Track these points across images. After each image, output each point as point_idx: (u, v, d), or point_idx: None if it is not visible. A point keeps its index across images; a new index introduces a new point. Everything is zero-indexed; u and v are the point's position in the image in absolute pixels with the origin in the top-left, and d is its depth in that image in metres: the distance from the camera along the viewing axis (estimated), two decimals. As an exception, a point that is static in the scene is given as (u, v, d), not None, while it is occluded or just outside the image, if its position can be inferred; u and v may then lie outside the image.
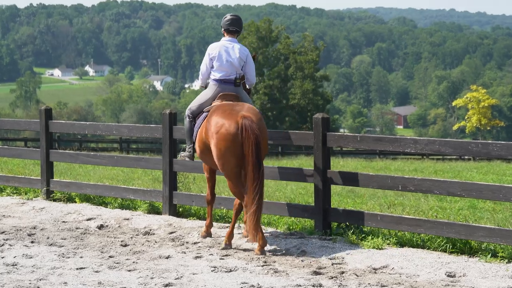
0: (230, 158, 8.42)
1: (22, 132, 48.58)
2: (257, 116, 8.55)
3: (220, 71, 9.13)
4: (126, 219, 10.34)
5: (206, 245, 8.85)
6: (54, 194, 11.90)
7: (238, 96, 9.14)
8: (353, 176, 9.04)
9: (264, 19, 61.10)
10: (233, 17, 9.46)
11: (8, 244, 8.92)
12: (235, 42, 9.31)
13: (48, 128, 11.87)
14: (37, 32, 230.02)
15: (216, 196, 9.71)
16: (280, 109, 56.58)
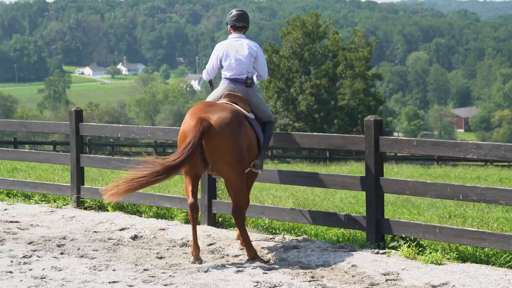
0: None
1: (50, 135, 49.22)
2: (221, 119, 8.58)
3: (230, 70, 9.34)
4: (162, 229, 10.42)
5: (247, 258, 8.86)
6: (85, 202, 12.03)
7: (245, 98, 9.28)
8: (409, 184, 8.98)
9: (310, 13, 61.04)
10: (239, 12, 9.59)
11: (36, 255, 9.05)
12: (243, 38, 9.48)
13: (78, 131, 12.01)
14: (67, 28, 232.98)
15: (260, 205, 9.72)
16: (328, 110, 56.45)
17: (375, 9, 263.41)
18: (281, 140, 10.13)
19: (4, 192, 13.32)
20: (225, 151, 8.61)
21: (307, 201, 13.56)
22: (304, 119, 56.34)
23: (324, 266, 8.50)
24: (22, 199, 12.81)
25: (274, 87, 56.53)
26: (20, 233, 10.39)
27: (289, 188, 16.08)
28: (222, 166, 8.67)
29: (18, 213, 11.75)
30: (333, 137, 9.66)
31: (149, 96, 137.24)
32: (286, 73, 56.94)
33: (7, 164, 19.09)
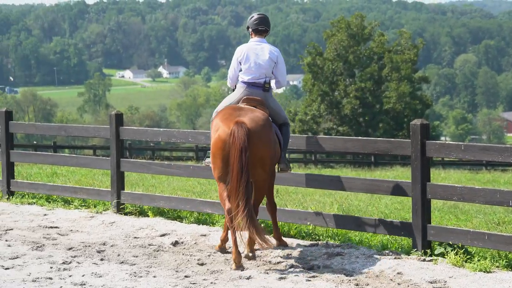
0: (220, 164, 8.90)
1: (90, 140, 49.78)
2: (256, 123, 8.85)
3: (249, 73, 9.52)
4: (203, 235, 10.46)
5: (290, 265, 8.86)
6: (125, 207, 12.13)
7: (264, 102, 9.45)
8: (456, 189, 8.90)
9: (355, 14, 60.86)
10: (260, 16, 9.76)
11: (76, 261, 9.14)
12: (264, 42, 9.66)
13: (118, 135, 12.11)
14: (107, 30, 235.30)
15: (303, 210, 9.71)
16: (373, 114, 56.20)
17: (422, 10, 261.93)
18: (325, 144, 10.11)
19: (43, 197, 13.48)
20: (263, 154, 8.89)
21: (352, 207, 13.52)
22: (348, 123, 56.15)
23: (369, 274, 8.47)
24: (62, 204, 12.95)
25: (317, 90, 56.44)
26: (60, 238, 10.50)
27: (333, 193, 16.04)
28: (259, 169, 8.93)
29: (58, 219, 11.88)
30: (379, 142, 9.63)
31: (190, 99, 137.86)
32: (330, 76, 56.82)
33: (47, 169, 19.32)
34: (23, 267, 8.81)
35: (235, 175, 8.67)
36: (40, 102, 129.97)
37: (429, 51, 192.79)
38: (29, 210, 12.54)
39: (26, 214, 12.23)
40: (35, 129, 14.10)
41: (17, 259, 9.20)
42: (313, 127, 55.73)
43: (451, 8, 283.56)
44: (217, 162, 8.94)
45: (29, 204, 13.05)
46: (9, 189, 13.56)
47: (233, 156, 8.69)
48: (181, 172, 11.75)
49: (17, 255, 9.37)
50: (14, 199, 13.37)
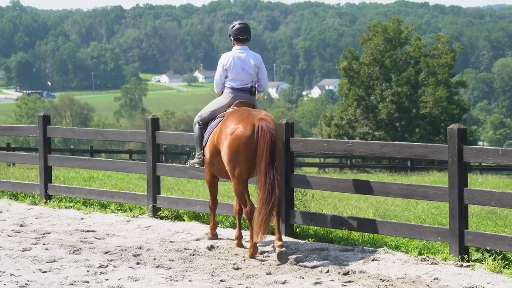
0: (242, 161, 9.42)
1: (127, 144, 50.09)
2: (273, 121, 9.55)
3: (236, 80, 10.19)
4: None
5: (326, 270, 8.85)
6: (161, 211, 12.18)
7: (254, 105, 10.21)
8: (494, 195, 8.83)
9: (392, 18, 60.56)
10: (241, 25, 10.35)
11: (113, 265, 9.21)
12: (247, 50, 10.29)
13: (155, 140, 12.18)
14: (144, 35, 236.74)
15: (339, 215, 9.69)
16: (410, 119, 55.86)
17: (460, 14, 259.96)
18: (360, 149, 10.09)
19: (80, 201, 13.59)
20: (280, 150, 9.58)
21: (388, 212, 13.46)
22: (384, 127, 55.87)
23: (405, 279, 8.43)
24: (98, 208, 13.05)
25: (353, 95, 56.25)
26: (97, 242, 10.59)
27: (369, 198, 15.99)
28: (278, 167, 9.43)
29: (95, 222, 11.98)
30: (415, 146, 9.58)
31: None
32: (366, 81, 56.60)
33: (84, 173, 19.48)
34: (61, 271, 8.89)
35: (263, 168, 9.19)
36: (77, 107, 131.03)
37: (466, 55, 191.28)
38: (66, 214, 12.65)
39: (64, 218, 12.34)
40: (72, 133, 14.24)
41: (54, 263, 9.29)
42: (348, 132, 55.55)
43: (489, 12, 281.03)
44: (239, 159, 9.38)
45: (66, 208, 13.18)
46: (46, 193, 13.70)
47: (263, 149, 9.22)
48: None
49: (55, 259, 9.47)
50: (52, 203, 13.50)
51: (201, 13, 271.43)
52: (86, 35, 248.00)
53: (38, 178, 14.74)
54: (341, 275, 8.65)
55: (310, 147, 10.56)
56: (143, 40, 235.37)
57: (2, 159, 17.19)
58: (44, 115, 13.80)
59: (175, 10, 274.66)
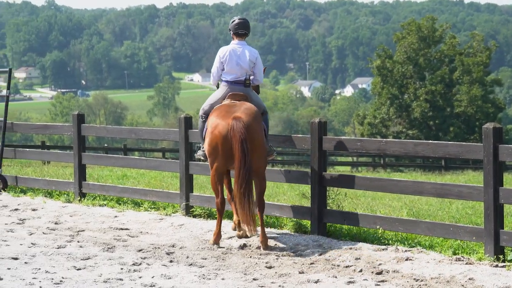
0: (219, 157, 10.10)
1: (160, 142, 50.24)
2: (249, 116, 10.04)
3: (231, 73, 10.66)
4: (271, 238, 10.48)
5: (359, 269, 8.82)
6: (193, 210, 12.22)
7: (247, 96, 10.62)
8: (530, 194, 8.74)
9: (426, 16, 60.21)
10: (241, 20, 10.86)
11: (146, 263, 9.25)
12: (244, 45, 10.77)
13: (188, 138, 12.22)
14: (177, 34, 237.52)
15: (372, 214, 9.66)
16: (444, 117, 55.51)
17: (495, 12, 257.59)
18: (394, 148, 10.04)
19: (114, 199, 13.67)
20: (259, 141, 10.05)
21: (421, 211, 13.38)
22: (418, 126, 55.57)
23: (439, 279, 8.37)
24: (132, 206, 13.12)
25: (387, 93, 56.01)
26: (130, 240, 10.65)
27: (402, 197, 15.91)
28: (256, 155, 9.97)
29: (128, 220, 12.05)
30: (449, 145, 9.52)
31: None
32: (400, 79, 56.33)
33: (118, 171, 19.59)
34: (95, 268, 8.96)
35: (238, 163, 9.79)
36: (111, 105, 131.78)
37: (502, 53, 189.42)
38: (100, 211, 12.73)
39: (97, 215, 12.43)
40: (106, 132, 14.32)
41: (88, 260, 9.36)
42: (382, 131, 55.34)
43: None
44: (217, 154, 10.09)
45: (100, 206, 13.26)
46: (81, 191, 13.80)
47: (236, 147, 9.82)
48: (249, 175, 11.76)
49: (89, 256, 9.54)
50: (86, 200, 13.60)
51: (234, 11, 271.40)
52: (120, 34, 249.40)
53: (72, 176, 14.85)
54: (375, 274, 8.62)
55: (343, 146, 10.54)
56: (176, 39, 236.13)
57: (37, 157, 17.34)
58: (79, 113, 13.89)
59: (208, 9, 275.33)
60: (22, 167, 22.38)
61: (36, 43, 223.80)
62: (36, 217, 12.42)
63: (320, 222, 10.57)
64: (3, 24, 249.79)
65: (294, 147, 11.17)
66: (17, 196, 14.35)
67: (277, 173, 11.51)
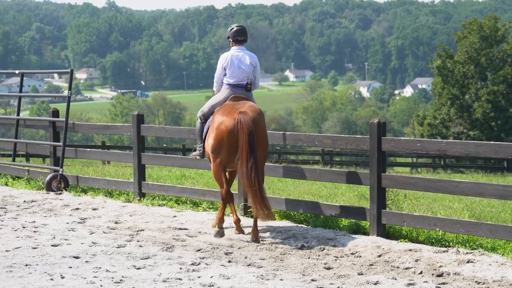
0: (224, 152, 10.46)
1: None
2: (255, 112, 10.44)
3: (233, 77, 11.09)
4: (330, 239, 10.45)
5: (419, 271, 8.75)
6: (251, 210, 12.23)
7: (247, 99, 11.03)
8: None
9: (488, 16, 59.38)
10: (239, 27, 11.39)
11: (205, 263, 9.30)
12: (244, 50, 11.26)
13: (247, 138, 12.22)
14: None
15: (432, 216, 9.57)
16: (506, 118, 54.69)
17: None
18: (454, 149, 9.92)
19: (173, 199, 13.77)
20: (263, 137, 10.48)
21: (483, 213, 13.21)
22: (479, 127, 54.84)
23: (502, 282, 8.25)
24: (191, 206, 13.20)
25: (447, 94, 55.40)
26: (189, 240, 10.72)
27: (463, 199, 15.73)
28: (259, 150, 10.35)
29: (187, 220, 12.12)
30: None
31: (316, 103, 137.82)
32: (461, 79, 55.66)
33: (176, 171, 19.73)
34: (154, 267, 9.04)
35: (244, 156, 10.14)
36: (170, 106, 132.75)
37: None
38: (159, 211, 12.84)
39: (157, 215, 12.53)
40: (165, 132, 14.43)
41: (148, 259, 9.44)
42: (442, 131, 54.74)
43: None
44: (222, 150, 10.44)
45: (159, 206, 13.37)
46: (140, 191, 13.93)
47: (242, 139, 10.17)
48: (307, 175, 11.77)
49: (148, 256, 9.63)
50: (145, 200, 13.73)
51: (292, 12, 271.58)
52: (179, 35, 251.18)
53: (132, 176, 15.00)
54: (435, 276, 8.53)
55: (403, 147, 10.46)
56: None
57: (98, 157, 17.55)
58: (138, 114, 14.03)
59: (266, 9, 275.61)
60: (83, 166, 22.70)
61: (96, 44, 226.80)
62: (96, 217, 12.58)
63: (379, 223, 10.51)
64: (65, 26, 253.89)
65: (352, 147, 11.11)
66: (78, 196, 14.55)
67: (336, 174, 11.48)
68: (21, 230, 11.35)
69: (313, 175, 11.73)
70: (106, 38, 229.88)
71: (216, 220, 10.95)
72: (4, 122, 20.46)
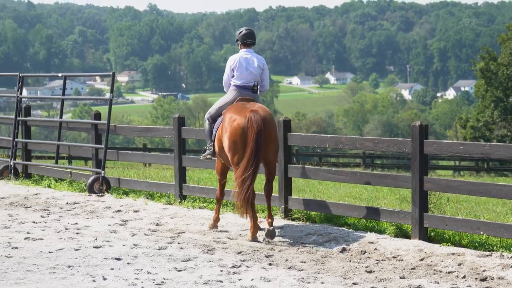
0: (240, 149, 10.63)
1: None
2: (265, 111, 10.77)
3: (241, 78, 11.40)
4: (371, 242, 10.40)
5: (462, 275, 8.67)
6: (292, 213, 12.23)
7: (254, 101, 11.33)
8: None
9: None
10: (248, 31, 11.63)
11: (245, 265, 9.31)
12: (252, 53, 11.53)
13: (286, 141, 12.23)
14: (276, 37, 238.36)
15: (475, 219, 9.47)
16: None
17: None
18: (498, 152, 9.82)
19: (214, 201, 13.78)
20: (274, 135, 10.79)
21: (527, 218, 13.05)
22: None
23: (546, 288, 8.14)
24: (231, 209, 13.22)
25: (491, 96, 54.88)
26: (229, 242, 10.74)
27: (507, 203, 15.56)
28: (270, 148, 10.72)
29: (227, 223, 12.15)
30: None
31: (357, 105, 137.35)
32: (505, 82, 55.10)
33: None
34: (195, 270, 9.07)
35: (248, 153, 10.44)
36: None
37: None
38: (200, 214, 12.88)
39: (197, 217, 12.57)
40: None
41: (189, 262, 9.48)
42: (485, 134, 54.22)
43: None
44: (237, 148, 10.64)
45: (200, 208, 13.41)
46: (181, 193, 13.99)
47: (250, 137, 10.46)
48: (348, 178, 11.74)
49: (189, 258, 9.66)
50: (186, 203, 13.78)
51: (333, 14, 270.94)
52: (220, 38, 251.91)
53: (173, 178, 15.07)
54: (478, 281, 8.45)
55: (445, 150, 10.38)
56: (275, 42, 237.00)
57: (139, 160, 17.65)
58: (179, 116, 14.09)
59: (307, 11, 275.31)
60: (124, 169, 22.86)
61: (138, 47, 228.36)
62: (138, 219, 12.66)
63: (421, 227, 10.43)
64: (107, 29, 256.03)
65: (394, 150, 11.05)
66: (119, 198, 14.65)
67: (377, 177, 11.41)
68: (63, 232, 11.47)
69: (354, 178, 11.69)
70: (148, 41, 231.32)
71: (251, 228, 11.05)
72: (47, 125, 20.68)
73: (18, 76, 17.29)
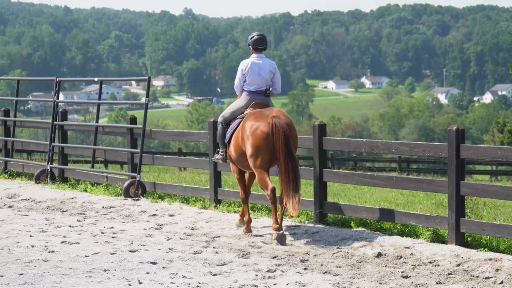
0: (263, 154, 10.90)
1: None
2: (286, 116, 11.09)
3: (253, 84, 11.72)
4: (407, 247, 10.35)
5: (499, 281, 8.59)
6: (327, 218, 12.21)
7: (268, 105, 11.70)
8: None
9: None
10: (259, 36, 11.93)
11: (281, 270, 9.31)
12: (263, 57, 11.85)
13: (321, 146, 12.22)
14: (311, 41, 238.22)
15: (495, 222, 9.39)
16: None
17: None
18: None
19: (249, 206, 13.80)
20: (295, 139, 11.15)
21: None
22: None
23: None
24: (266, 213, 13.23)
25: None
26: (264, 247, 10.74)
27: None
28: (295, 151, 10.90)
29: (263, 227, 12.15)
30: None
31: (393, 110, 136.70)
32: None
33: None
34: (230, 274, 9.08)
35: (283, 156, 10.69)
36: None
37: None
38: (235, 218, 12.87)
39: (232, 222, 12.58)
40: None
41: (224, 266, 9.50)
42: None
43: None
44: (261, 153, 10.87)
45: (235, 213, 13.42)
46: (216, 198, 14.02)
47: (279, 142, 10.73)
48: (384, 183, 11.69)
49: (224, 262, 9.68)
50: (221, 207, 13.81)
51: (369, 18, 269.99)
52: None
53: (208, 182, 15.11)
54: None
55: (482, 154, 10.29)
56: (310, 46, 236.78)
57: (174, 164, 17.75)
58: (214, 121, 14.11)
59: (342, 16, 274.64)
60: (159, 173, 22.96)
61: (173, 52, 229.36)
62: (173, 223, 12.71)
63: (458, 232, 10.35)
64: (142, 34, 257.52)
65: (430, 155, 10.98)
66: (155, 202, 14.72)
67: (413, 182, 11.35)
68: (99, 236, 11.55)
69: (389, 182, 11.65)
70: (183, 45, 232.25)
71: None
72: (84, 129, 20.83)
73: (55, 81, 17.46)
